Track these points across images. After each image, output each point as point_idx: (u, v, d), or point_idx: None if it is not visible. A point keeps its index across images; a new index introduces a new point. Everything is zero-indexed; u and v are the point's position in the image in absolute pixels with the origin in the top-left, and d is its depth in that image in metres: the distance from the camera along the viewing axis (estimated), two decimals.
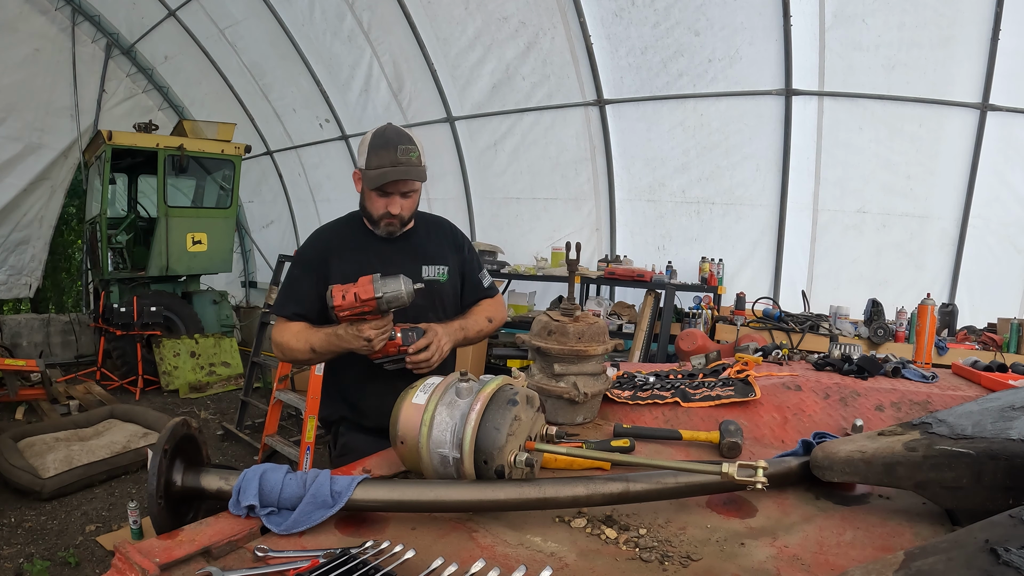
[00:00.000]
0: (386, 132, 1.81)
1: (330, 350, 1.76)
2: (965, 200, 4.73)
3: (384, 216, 1.86)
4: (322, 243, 1.96)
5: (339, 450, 2.02)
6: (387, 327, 1.66)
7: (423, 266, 1.94)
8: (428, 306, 1.89)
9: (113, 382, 6.93)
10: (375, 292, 1.57)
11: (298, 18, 7.20)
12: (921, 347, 4.07)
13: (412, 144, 1.79)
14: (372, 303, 1.58)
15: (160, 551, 0.93)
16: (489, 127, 6.59)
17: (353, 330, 1.64)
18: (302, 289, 1.90)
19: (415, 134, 1.85)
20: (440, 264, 1.98)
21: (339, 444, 2.02)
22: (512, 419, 1.14)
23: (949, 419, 1.18)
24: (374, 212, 1.87)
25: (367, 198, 1.87)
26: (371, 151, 1.79)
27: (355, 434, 1.97)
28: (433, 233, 2.05)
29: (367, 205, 1.89)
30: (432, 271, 1.96)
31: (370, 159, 1.79)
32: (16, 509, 4.07)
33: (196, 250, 7.95)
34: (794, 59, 4.71)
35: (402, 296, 1.60)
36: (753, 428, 1.58)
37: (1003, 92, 4.40)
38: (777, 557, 0.99)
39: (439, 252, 2.00)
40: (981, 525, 0.78)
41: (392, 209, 1.84)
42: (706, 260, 5.39)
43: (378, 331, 1.64)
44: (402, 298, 1.60)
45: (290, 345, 1.83)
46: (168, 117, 9.39)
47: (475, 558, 0.92)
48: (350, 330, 1.65)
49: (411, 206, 1.89)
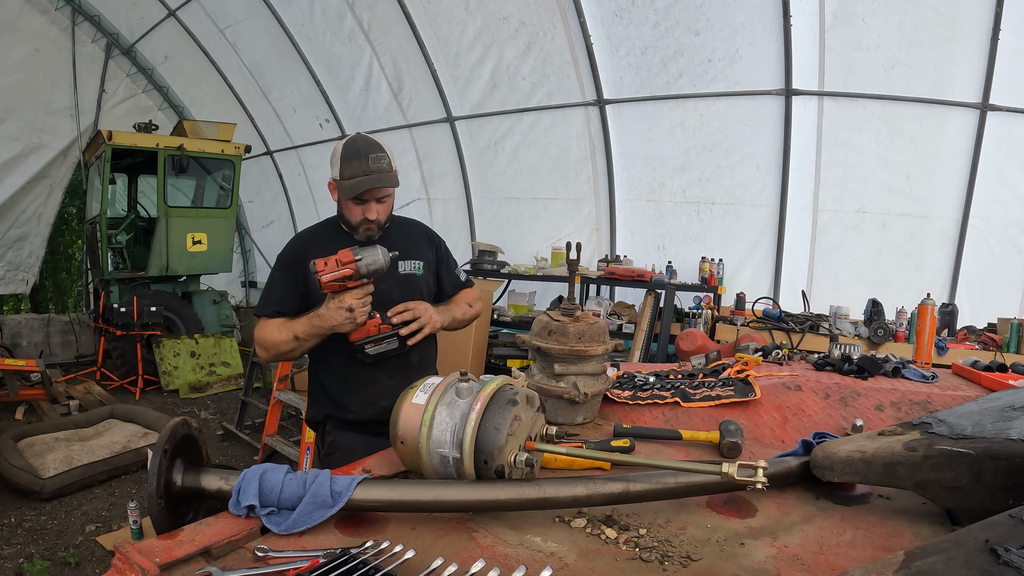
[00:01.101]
0: (356, 142, 1.88)
1: (313, 334, 1.82)
2: (965, 200, 4.73)
3: (362, 222, 1.93)
4: (300, 245, 2.03)
5: (327, 448, 2.05)
6: (367, 296, 1.75)
7: (399, 262, 2.01)
8: (405, 299, 1.96)
9: (113, 382, 6.93)
10: (355, 256, 1.68)
11: (298, 18, 7.20)
12: (921, 347, 4.07)
13: (382, 151, 1.87)
14: (352, 266, 1.68)
15: (160, 551, 0.93)
16: (489, 127, 6.59)
17: (336, 302, 1.73)
18: (281, 289, 1.98)
19: (383, 140, 1.93)
20: (415, 259, 2.07)
21: (326, 443, 2.06)
22: (512, 419, 1.14)
23: (949, 419, 1.18)
24: (352, 219, 1.94)
25: (344, 207, 1.95)
26: (343, 162, 1.86)
27: (341, 432, 2.01)
28: (407, 232, 2.14)
29: (345, 213, 1.97)
30: (408, 266, 2.04)
31: (343, 169, 1.86)
32: (16, 509, 4.07)
33: (196, 250, 7.95)
34: (794, 59, 4.71)
35: (379, 261, 1.70)
36: (753, 428, 1.58)
37: (1003, 92, 4.40)
38: (777, 557, 0.99)
39: (414, 249, 2.09)
40: (981, 525, 0.78)
41: (369, 215, 1.91)
42: (706, 260, 5.39)
43: (359, 300, 1.73)
44: (379, 262, 1.70)
45: (272, 338, 1.89)
46: (168, 117, 9.39)
47: (475, 558, 0.92)
48: (332, 303, 1.74)
49: (386, 210, 1.97)
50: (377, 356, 1.85)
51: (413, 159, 7.42)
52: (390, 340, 1.84)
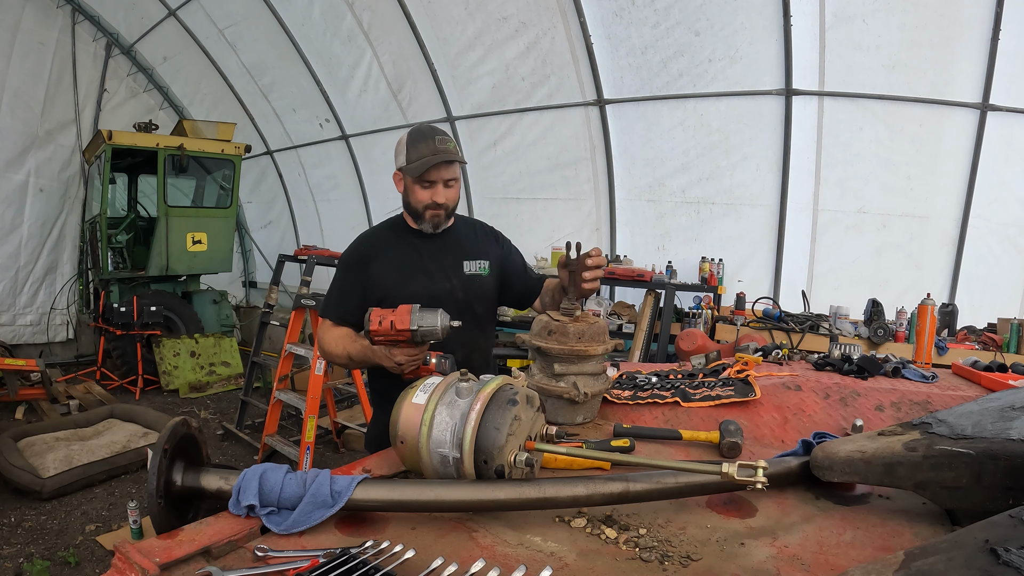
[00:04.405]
0: (421, 127, 1.90)
1: (364, 361, 1.84)
2: (965, 200, 4.73)
3: (429, 206, 1.91)
4: (364, 246, 2.03)
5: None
6: (419, 356, 1.69)
7: (464, 261, 2.00)
8: (470, 300, 1.95)
9: (113, 382, 6.94)
10: (411, 324, 1.60)
11: (298, 18, 7.20)
12: (921, 347, 4.07)
13: (448, 136, 1.89)
14: (406, 334, 1.61)
15: (160, 551, 0.93)
16: (489, 127, 6.59)
17: (385, 351, 1.69)
18: (343, 294, 1.99)
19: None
20: (481, 259, 2.04)
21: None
22: (512, 419, 1.14)
23: (949, 419, 1.18)
24: (419, 204, 1.92)
25: (411, 192, 1.92)
26: (409, 146, 1.86)
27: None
28: (472, 230, 2.12)
29: (411, 200, 1.94)
30: (473, 266, 2.02)
31: (409, 154, 1.86)
32: (16, 509, 4.07)
33: (196, 250, 7.96)
34: (794, 59, 4.71)
35: (437, 331, 1.62)
36: (753, 428, 1.58)
37: (1003, 92, 4.39)
38: (777, 557, 0.99)
39: (480, 247, 2.07)
40: (981, 525, 0.78)
41: (437, 198, 1.89)
42: (706, 260, 5.39)
43: (408, 358, 1.68)
44: (436, 333, 1.62)
45: (329, 348, 1.95)
46: (168, 117, 9.39)
47: (475, 558, 0.92)
48: (382, 350, 1.71)
49: (454, 196, 1.95)
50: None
51: None
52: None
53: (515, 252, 2.19)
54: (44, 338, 8.29)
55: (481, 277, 2.03)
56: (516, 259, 2.17)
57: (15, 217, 7.95)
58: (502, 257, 2.11)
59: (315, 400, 4.31)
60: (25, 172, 8.02)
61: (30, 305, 8.24)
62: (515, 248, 2.21)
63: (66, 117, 8.39)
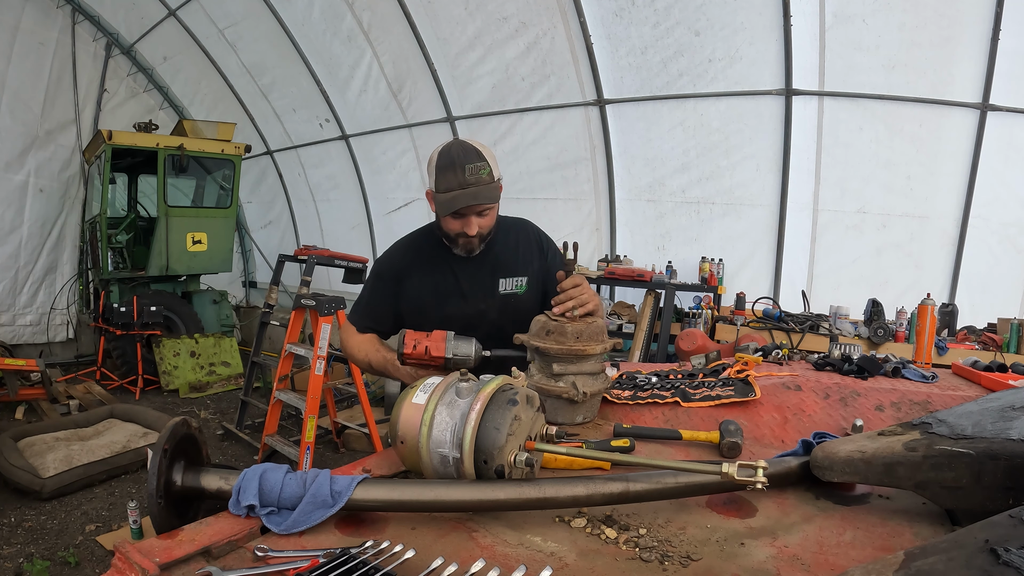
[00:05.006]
0: (451, 150, 1.70)
1: (384, 372, 1.85)
2: (965, 200, 4.73)
3: (461, 235, 1.79)
4: (398, 257, 1.98)
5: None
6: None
7: (500, 279, 1.91)
8: (503, 321, 1.85)
9: (113, 382, 6.94)
10: (446, 352, 1.61)
11: (298, 18, 7.20)
12: (921, 347, 4.07)
13: (481, 160, 1.69)
14: (440, 360, 1.62)
15: (160, 551, 0.93)
16: (489, 127, 6.59)
17: (412, 371, 1.69)
18: (373, 303, 1.98)
19: (483, 145, 1.75)
20: (519, 275, 1.93)
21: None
22: (512, 419, 1.14)
23: (949, 419, 1.18)
24: (451, 232, 1.81)
25: (442, 220, 1.81)
26: (439, 172, 1.70)
27: None
28: (513, 240, 1.97)
29: (443, 226, 1.82)
30: (510, 284, 1.92)
31: (439, 181, 1.70)
32: (16, 509, 4.07)
33: (196, 250, 7.96)
34: (794, 59, 4.71)
35: (470, 361, 1.63)
36: (753, 428, 1.58)
37: (1003, 92, 4.39)
38: (777, 557, 0.99)
39: (519, 262, 1.95)
40: (981, 525, 0.78)
41: (469, 231, 1.76)
42: (706, 260, 5.39)
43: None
44: (469, 363, 1.63)
45: (351, 351, 1.97)
46: (168, 117, 9.39)
47: (475, 558, 0.92)
48: (408, 370, 1.70)
49: (489, 223, 1.81)
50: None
51: (413, 159, 7.42)
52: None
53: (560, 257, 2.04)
54: (44, 338, 8.29)
55: (517, 296, 1.93)
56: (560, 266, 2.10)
57: (15, 217, 7.95)
58: (544, 269, 1.97)
59: (315, 400, 4.31)
60: (25, 172, 8.02)
61: (30, 305, 8.24)
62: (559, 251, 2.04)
63: (66, 117, 8.39)
